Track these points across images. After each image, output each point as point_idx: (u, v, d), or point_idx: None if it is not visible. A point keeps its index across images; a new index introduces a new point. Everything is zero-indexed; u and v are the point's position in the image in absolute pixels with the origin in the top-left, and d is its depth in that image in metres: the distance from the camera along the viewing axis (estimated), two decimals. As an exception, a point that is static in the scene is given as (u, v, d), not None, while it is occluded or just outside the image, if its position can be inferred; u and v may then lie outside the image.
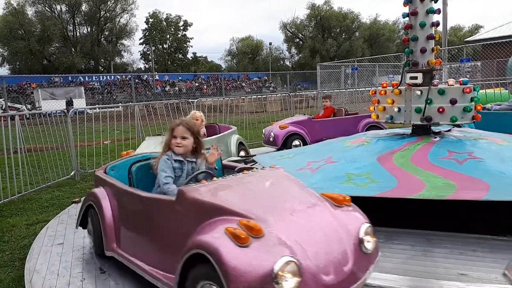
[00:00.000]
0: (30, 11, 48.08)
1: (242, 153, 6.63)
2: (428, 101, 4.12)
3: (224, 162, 3.51)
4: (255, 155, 5.92)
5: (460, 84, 4.15)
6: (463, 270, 2.73)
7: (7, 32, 44.66)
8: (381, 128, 7.24)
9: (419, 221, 3.55)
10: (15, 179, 5.76)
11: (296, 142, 7.43)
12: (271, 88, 43.09)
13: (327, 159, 4.27)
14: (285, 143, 7.39)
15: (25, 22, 46.33)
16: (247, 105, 11.69)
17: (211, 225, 2.15)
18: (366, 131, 7.35)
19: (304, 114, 8.57)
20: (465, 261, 2.88)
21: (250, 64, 60.50)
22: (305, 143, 7.43)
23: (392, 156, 3.94)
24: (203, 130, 5.50)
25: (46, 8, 49.16)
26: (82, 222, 3.50)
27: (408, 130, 4.67)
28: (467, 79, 4.29)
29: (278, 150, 7.15)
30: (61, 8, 50.24)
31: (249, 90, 41.83)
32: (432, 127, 4.48)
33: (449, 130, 4.54)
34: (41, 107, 25.45)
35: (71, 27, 51.84)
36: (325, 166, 4.12)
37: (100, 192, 3.18)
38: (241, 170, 2.95)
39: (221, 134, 6.28)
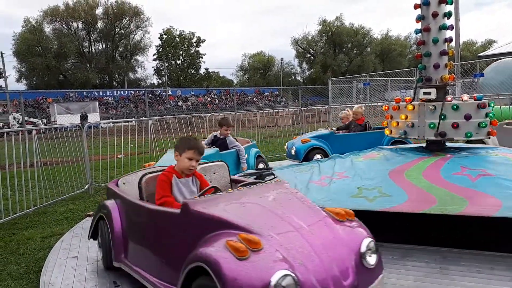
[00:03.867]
0: (47, 28, 49.48)
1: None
2: (442, 117, 4.10)
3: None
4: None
5: (475, 100, 4.12)
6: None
7: (25, 48, 45.86)
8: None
9: (432, 238, 3.50)
10: (31, 192, 5.84)
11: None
12: (282, 103, 43.23)
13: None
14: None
15: (43, 39, 47.54)
16: (259, 120, 11.74)
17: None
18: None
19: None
20: (483, 279, 2.82)
21: (262, 79, 60.92)
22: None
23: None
24: None
25: (63, 25, 50.45)
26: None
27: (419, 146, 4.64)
28: (481, 94, 4.26)
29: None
30: (77, 26, 51.56)
31: (261, 104, 42.02)
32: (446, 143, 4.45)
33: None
34: (56, 121, 25.92)
35: (86, 44, 53.08)
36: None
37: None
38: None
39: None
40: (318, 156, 7.39)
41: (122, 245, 3.10)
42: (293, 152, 7.65)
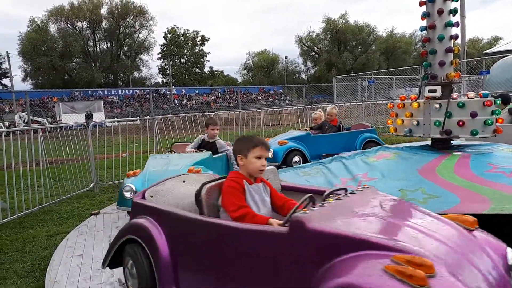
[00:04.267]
0: (52, 28, 49.82)
1: None
2: (448, 114, 4.07)
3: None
4: None
5: (481, 97, 4.09)
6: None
7: (31, 48, 46.20)
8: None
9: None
10: (37, 190, 5.88)
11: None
12: (286, 101, 43.21)
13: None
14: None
15: (48, 38, 47.87)
16: (263, 118, 11.73)
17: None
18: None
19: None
20: None
21: (266, 78, 60.88)
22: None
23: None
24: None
25: (68, 25, 50.74)
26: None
27: (424, 143, 4.59)
28: (487, 91, 4.22)
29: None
30: (82, 25, 51.82)
31: (265, 103, 42.02)
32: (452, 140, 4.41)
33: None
34: (61, 120, 26.07)
35: (91, 43, 53.33)
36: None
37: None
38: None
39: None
40: (296, 158, 7.21)
41: (172, 273, 2.50)
42: (270, 154, 7.45)
